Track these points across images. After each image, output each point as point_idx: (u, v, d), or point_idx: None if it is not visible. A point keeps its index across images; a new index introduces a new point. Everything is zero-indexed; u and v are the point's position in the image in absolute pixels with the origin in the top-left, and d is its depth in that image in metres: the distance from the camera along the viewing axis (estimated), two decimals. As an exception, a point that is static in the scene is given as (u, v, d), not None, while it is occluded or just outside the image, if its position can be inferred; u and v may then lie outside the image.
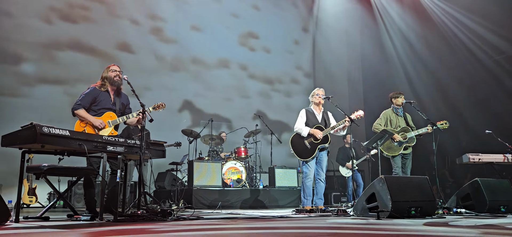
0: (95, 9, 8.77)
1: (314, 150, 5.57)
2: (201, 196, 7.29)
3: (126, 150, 4.08)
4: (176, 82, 9.73)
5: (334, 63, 12.43)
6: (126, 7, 9.12)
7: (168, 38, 9.72)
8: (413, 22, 10.99)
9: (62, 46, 8.33)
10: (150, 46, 9.39)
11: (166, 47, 9.70)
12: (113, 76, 4.61)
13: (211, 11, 10.51)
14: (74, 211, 4.33)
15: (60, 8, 8.36)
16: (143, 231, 2.88)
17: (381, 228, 3.14)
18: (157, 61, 9.47)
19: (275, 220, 4.08)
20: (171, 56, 9.72)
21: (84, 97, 4.48)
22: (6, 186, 7.43)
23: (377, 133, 5.95)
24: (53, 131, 3.53)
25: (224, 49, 10.65)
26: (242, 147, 8.49)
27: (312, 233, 2.78)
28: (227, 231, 2.91)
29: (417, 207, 4.39)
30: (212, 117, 8.52)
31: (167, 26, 9.75)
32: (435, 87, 10.02)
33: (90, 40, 8.64)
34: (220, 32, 10.61)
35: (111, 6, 8.96)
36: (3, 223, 3.29)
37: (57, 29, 8.29)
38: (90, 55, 8.63)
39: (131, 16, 9.20)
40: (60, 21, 8.35)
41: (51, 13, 8.22)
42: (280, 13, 12.23)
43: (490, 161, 6.23)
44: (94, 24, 8.75)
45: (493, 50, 9.03)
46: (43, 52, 8.18)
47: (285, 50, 12.25)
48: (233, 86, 10.80)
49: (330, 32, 12.48)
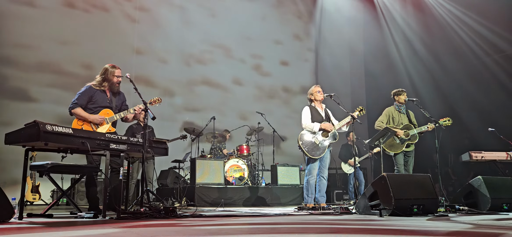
0: (216, 52, 11.14)
1: (325, 149, 5.56)
2: (203, 193, 7.31)
3: (129, 148, 4.10)
4: (272, 107, 11.45)
5: (336, 64, 12.42)
6: (236, 49, 11.45)
7: (265, 72, 11.92)
8: (415, 21, 10.95)
9: (197, 82, 10.72)
10: (253, 79, 11.66)
11: (263, 79, 11.86)
12: (115, 81, 4.68)
13: (294, 48, 12.62)
14: (77, 209, 4.36)
15: (195, 53, 10.80)
16: (146, 228, 2.89)
17: (383, 225, 3.15)
18: (257, 90, 11.69)
19: (277, 217, 4.09)
20: (268, 86, 11.87)
21: (80, 96, 4.49)
22: (10, 184, 7.46)
23: (380, 130, 5.93)
24: (56, 129, 3.55)
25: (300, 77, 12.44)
26: (245, 145, 8.50)
27: (314, 230, 2.79)
28: (229, 226, 2.92)
29: (419, 205, 4.39)
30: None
31: (264, 63, 11.94)
32: (437, 85, 9.99)
33: (214, 76, 10.99)
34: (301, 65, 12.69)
35: (227, 50, 11.33)
36: (7, 220, 3.31)
37: (193, 70, 10.73)
38: (215, 88, 10.97)
39: (239, 56, 11.52)
40: (195, 63, 10.82)
41: (189, 58, 10.75)
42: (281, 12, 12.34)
43: (493, 159, 6.20)
44: (216, 64, 11.05)
45: (493, 48, 9.02)
46: (186, 87, 10.51)
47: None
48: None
49: (332, 32, 12.47)
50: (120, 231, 2.68)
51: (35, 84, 8.50)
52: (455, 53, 9.74)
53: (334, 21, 12.50)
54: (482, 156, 6.15)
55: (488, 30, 9.05)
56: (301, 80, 12.19)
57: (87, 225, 3.11)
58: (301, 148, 5.56)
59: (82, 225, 3.11)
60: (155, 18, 10.29)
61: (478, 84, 9.21)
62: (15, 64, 8.40)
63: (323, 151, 5.55)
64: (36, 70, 8.54)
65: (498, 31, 8.81)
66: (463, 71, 9.58)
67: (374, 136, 6.05)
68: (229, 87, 11.19)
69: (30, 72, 8.48)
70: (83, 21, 9.21)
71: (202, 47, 10.90)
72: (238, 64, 11.43)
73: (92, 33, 9.19)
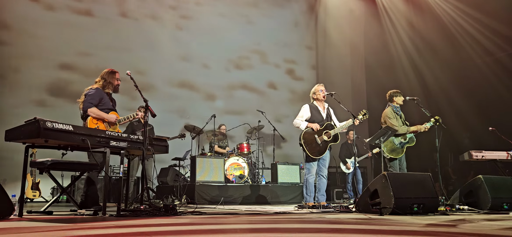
0: (253, 58, 11.68)
1: (326, 149, 5.56)
2: (203, 191, 7.31)
3: (129, 145, 4.10)
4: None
5: (337, 65, 12.42)
6: (271, 55, 11.95)
7: (297, 76, 12.33)
8: (416, 20, 10.93)
9: (236, 87, 11.30)
10: (286, 83, 12.10)
11: (296, 83, 12.22)
12: (116, 84, 4.96)
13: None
14: (77, 206, 4.36)
15: (234, 59, 11.39)
16: (145, 225, 2.89)
17: (382, 224, 3.14)
18: (291, 94, 12.05)
19: (277, 216, 4.09)
20: (301, 90, 11.98)
21: (94, 97, 4.69)
22: (10, 181, 7.48)
23: (380, 129, 5.93)
24: (56, 125, 3.55)
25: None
26: (245, 143, 8.50)
27: (314, 229, 2.78)
28: (229, 225, 2.91)
29: (419, 203, 4.39)
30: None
31: (297, 68, 12.38)
32: (438, 84, 9.98)
33: (251, 81, 11.51)
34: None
35: (262, 55, 11.83)
36: (7, 217, 3.31)
37: (233, 75, 11.30)
38: (252, 92, 11.49)
39: (274, 62, 12.02)
40: (234, 69, 11.38)
41: (229, 64, 11.32)
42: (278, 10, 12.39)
43: (493, 158, 6.19)
44: (252, 69, 11.59)
45: (496, 47, 8.99)
46: (226, 92, 11.09)
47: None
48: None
49: (333, 33, 12.46)
50: (120, 228, 2.68)
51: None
52: (456, 50, 9.72)
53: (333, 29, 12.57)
54: (483, 155, 6.13)
55: (490, 29, 9.02)
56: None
57: (87, 222, 3.11)
58: (303, 147, 5.53)
59: (81, 222, 3.11)
60: (198, 26, 10.93)
61: (480, 83, 9.20)
62: (77, 69, 9.16)
63: (324, 151, 5.54)
64: (95, 75, 8.70)
65: (501, 29, 8.78)
66: (464, 69, 9.56)
67: (375, 135, 6.05)
68: (264, 91, 11.67)
69: (90, 77, 8.76)
70: (134, 29, 10.03)
71: (240, 53, 11.46)
72: (272, 69, 11.90)
73: (142, 40, 10.03)
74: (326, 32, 12.58)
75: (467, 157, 6.18)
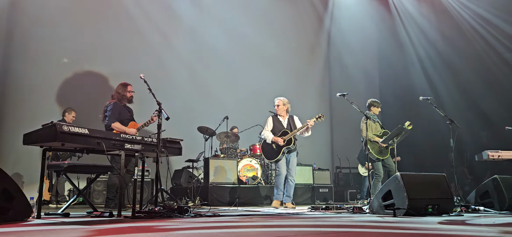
0: (265, 61, 11.20)
1: (279, 152, 6.24)
2: (217, 193, 7.36)
3: (143, 148, 4.16)
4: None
5: (350, 59, 12.28)
6: (282, 58, 11.65)
7: (310, 81, 12.06)
8: (430, 15, 10.80)
9: (248, 89, 10.73)
10: (297, 86, 11.41)
11: (308, 86, 11.87)
12: (130, 96, 5.34)
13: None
14: (93, 207, 4.43)
15: (247, 62, 11.01)
16: (161, 227, 2.93)
17: (397, 226, 3.13)
18: (302, 97, 11.25)
19: (291, 217, 4.09)
20: (314, 92, 11.94)
21: (114, 112, 5.09)
22: (28, 183, 7.62)
23: (394, 130, 5.91)
24: (72, 129, 3.62)
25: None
26: (257, 145, 8.50)
27: (329, 232, 2.78)
28: (244, 229, 2.93)
29: (434, 204, 4.34)
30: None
31: (309, 71, 12.16)
32: (454, 83, 9.83)
33: (263, 85, 10.73)
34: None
35: (274, 57, 11.41)
36: (26, 219, 3.38)
37: (245, 78, 10.86)
38: (264, 95, 10.41)
39: (286, 66, 11.69)
40: (247, 71, 10.91)
41: (242, 66, 10.98)
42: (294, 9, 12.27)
43: (510, 158, 6.10)
44: (265, 73, 11.05)
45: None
46: (238, 94, 10.64)
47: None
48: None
49: (346, 27, 12.35)
50: (136, 228, 2.71)
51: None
52: (473, 49, 9.57)
53: (345, 23, 12.44)
54: (499, 155, 6.04)
55: (508, 24, 8.87)
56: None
57: (103, 224, 3.16)
58: (263, 155, 6.56)
59: (98, 224, 3.16)
60: (213, 23, 10.66)
61: (496, 80, 9.04)
62: (92, 73, 9.14)
63: (278, 154, 6.25)
64: (111, 79, 8.99)
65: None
66: (480, 67, 9.41)
67: (389, 135, 6.01)
68: (276, 93, 11.52)
69: (106, 81, 9.14)
70: (147, 30, 9.75)
71: (253, 55, 11.15)
72: (284, 73, 11.62)
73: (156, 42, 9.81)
74: (339, 26, 12.45)
75: (484, 157, 6.10)
